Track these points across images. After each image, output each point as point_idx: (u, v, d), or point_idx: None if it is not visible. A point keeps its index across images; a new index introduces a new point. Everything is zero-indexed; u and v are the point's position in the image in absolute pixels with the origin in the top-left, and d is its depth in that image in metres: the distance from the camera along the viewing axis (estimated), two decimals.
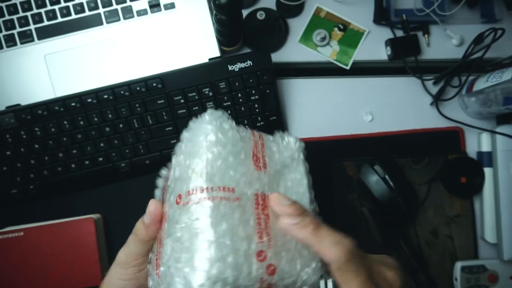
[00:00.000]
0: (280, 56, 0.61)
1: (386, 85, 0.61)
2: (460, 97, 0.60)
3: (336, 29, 0.61)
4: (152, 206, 0.34)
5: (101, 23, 0.57)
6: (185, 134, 0.37)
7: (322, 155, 0.59)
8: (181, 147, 0.36)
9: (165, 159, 0.56)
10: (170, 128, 0.56)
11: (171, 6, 0.57)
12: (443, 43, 0.62)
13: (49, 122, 0.54)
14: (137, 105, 0.55)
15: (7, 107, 0.56)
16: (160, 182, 0.38)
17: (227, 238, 0.30)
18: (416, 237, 0.58)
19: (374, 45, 0.62)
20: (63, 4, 0.57)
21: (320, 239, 0.31)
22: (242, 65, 0.55)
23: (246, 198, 0.32)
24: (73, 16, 0.57)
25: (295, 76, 0.60)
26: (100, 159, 0.55)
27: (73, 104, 0.54)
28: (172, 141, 0.56)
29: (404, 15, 0.60)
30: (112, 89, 0.54)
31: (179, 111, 0.55)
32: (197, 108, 0.55)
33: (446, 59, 0.61)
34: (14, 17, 0.57)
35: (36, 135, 0.55)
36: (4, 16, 0.57)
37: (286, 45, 0.61)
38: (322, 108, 0.60)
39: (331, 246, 0.30)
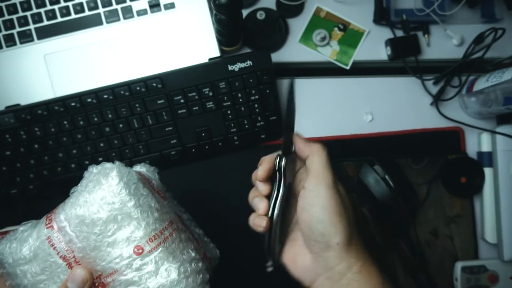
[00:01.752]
0: (280, 56, 0.61)
1: (386, 85, 0.61)
2: (460, 97, 0.60)
3: (336, 29, 0.61)
4: None
5: (101, 23, 0.57)
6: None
7: None
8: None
9: (165, 159, 0.57)
10: (170, 128, 0.56)
11: (171, 6, 0.57)
12: (443, 43, 0.62)
13: (49, 122, 0.54)
14: (137, 105, 0.55)
15: (7, 107, 0.56)
16: None
17: None
18: (416, 237, 0.58)
19: (374, 45, 0.62)
20: (62, 4, 0.57)
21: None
22: (242, 65, 0.55)
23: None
24: (73, 16, 0.57)
25: (295, 76, 0.60)
26: (100, 159, 0.55)
27: (73, 104, 0.54)
28: (172, 141, 0.56)
29: (404, 15, 0.60)
30: (112, 89, 0.54)
31: (179, 111, 0.55)
32: (197, 108, 0.55)
33: (446, 59, 0.61)
34: (14, 16, 0.57)
35: (36, 135, 0.55)
36: (3, 16, 0.56)
37: (286, 45, 0.61)
38: (322, 108, 0.60)
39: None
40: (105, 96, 0.54)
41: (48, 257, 0.36)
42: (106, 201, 0.35)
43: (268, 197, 0.39)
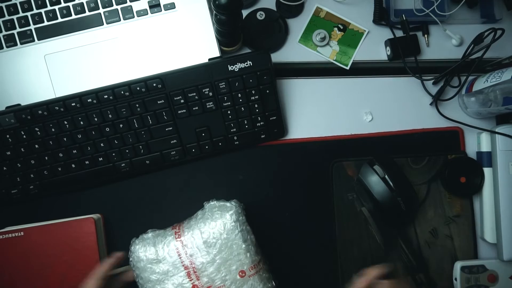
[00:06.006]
0: (280, 56, 0.61)
1: (386, 85, 0.61)
2: (460, 97, 0.60)
3: (336, 29, 0.61)
4: None
5: (101, 23, 0.57)
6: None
7: (322, 155, 0.59)
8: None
9: (165, 159, 0.57)
10: (170, 128, 0.56)
11: (171, 6, 0.58)
12: (443, 43, 0.62)
13: (49, 122, 0.54)
14: (137, 105, 0.55)
15: (7, 107, 0.56)
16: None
17: None
18: (416, 237, 0.58)
19: (374, 45, 0.62)
20: (63, 5, 0.57)
21: None
22: (242, 65, 0.55)
23: None
24: (73, 16, 0.57)
25: (295, 76, 0.61)
26: (100, 159, 0.56)
27: (73, 104, 0.54)
28: (172, 141, 0.56)
29: (403, 15, 0.60)
30: (112, 89, 0.54)
31: (179, 111, 0.55)
32: (197, 108, 0.55)
33: (445, 59, 0.61)
34: (14, 17, 0.57)
35: (36, 135, 0.55)
36: (4, 16, 0.57)
37: (286, 45, 0.61)
38: (322, 108, 0.60)
39: None
40: (105, 96, 0.54)
41: (175, 263, 0.45)
42: (224, 232, 0.46)
43: None
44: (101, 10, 0.57)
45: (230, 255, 0.46)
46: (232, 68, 0.55)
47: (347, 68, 0.61)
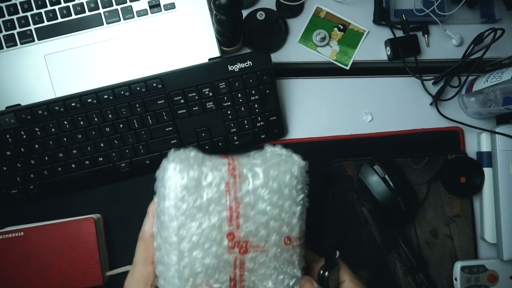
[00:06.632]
0: (280, 56, 0.61)
1: (386, 85, 0.61)
2: (460, 97, 0.60)
3: (336, 29, 0.61)
4: None
5: (101, 24, 0.57)
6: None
7: (322, 155, 0.59)
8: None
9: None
10: (170, 128, 0.56)
11: (171, 6, 0.58)
12: (443, 43, 0.62)
13: (49, 122, 0.54)
14: (137, 105, 0.55)
15: (7, 107, 0.56)
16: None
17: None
18: (415, 237, 0.58)
19: (374, 45, 0.62)
20: (63, 5, 0.57)
21: None
22: (242, 65, 0.55)
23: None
24: (73, 17, 0.57)
25: (295, 76, 0.61)
26: (100, 159, 0.56)
27: (73, 104, 0.54)
28: (172, 141, 0.56)
29: (403, 15, 0.60)
30: (112, 89, 0.54)
31: (179, 111, 0.55)
32: (197, 108, 0.55)
33: (446, 59, 0.61)
34: (14, 17, 0.57)
35: (36, 135, 0.55)
36: (4, 16, 0.57)
37: (286, 45, 0.61)
38: (322, 108, 0.60)
39: None
40: (105, 97, 0.54)
41: (219, 198, 0.35)
42: (287, 187, 0.37)
43: None
44: (101, 10, 0.57)
45: (283, 214, 0.37)
46: (232, 68, 0.55)
47: (347, 68, 0.61)
